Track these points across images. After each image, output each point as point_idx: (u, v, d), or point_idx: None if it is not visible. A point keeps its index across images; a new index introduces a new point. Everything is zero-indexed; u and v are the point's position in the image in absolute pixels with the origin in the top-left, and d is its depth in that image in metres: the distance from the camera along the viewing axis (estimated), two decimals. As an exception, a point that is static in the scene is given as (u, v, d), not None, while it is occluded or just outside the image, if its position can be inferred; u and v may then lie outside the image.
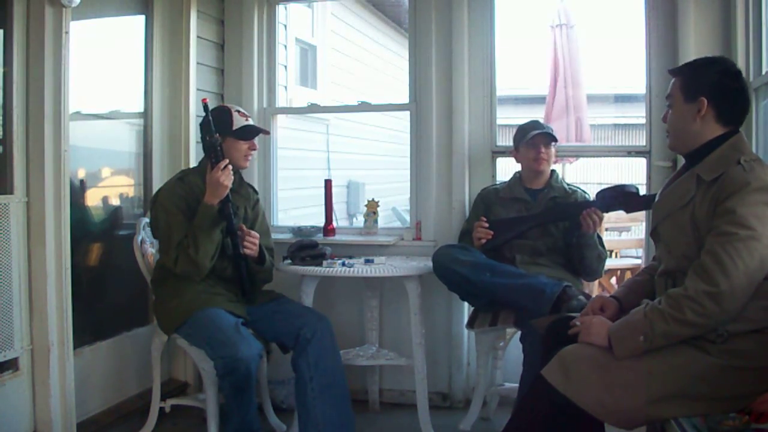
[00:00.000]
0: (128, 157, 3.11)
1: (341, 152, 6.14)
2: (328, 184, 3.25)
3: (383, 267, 2.71)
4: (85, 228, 2.86)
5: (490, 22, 3.09)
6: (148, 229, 2.71)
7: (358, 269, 2.67)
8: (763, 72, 2.52)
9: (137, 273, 2.72)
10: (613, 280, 4.92)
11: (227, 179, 2.40)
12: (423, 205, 3.14)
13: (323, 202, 3.23)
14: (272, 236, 2.85)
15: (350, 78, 6.72)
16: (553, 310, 2.33)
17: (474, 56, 3.08)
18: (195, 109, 3.09)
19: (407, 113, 3.22)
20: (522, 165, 2.82)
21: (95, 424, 2.70)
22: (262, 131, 2.65)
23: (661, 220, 1.85)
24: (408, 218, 3.39)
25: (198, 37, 3.17)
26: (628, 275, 4.91)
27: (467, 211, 3.02)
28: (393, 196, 5.92)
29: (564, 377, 1.69)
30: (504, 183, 2.89)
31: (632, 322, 1.69)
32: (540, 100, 4.72)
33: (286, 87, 4.94)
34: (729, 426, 1.50)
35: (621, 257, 5.27)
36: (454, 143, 3.09)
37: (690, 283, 1.63)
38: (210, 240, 2.40)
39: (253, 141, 2.58)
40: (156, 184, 2.92)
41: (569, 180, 2.99)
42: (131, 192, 3.16)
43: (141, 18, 3.05)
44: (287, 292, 2.72)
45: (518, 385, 2.47)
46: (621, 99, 8.45)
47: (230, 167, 2.43)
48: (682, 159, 1.94)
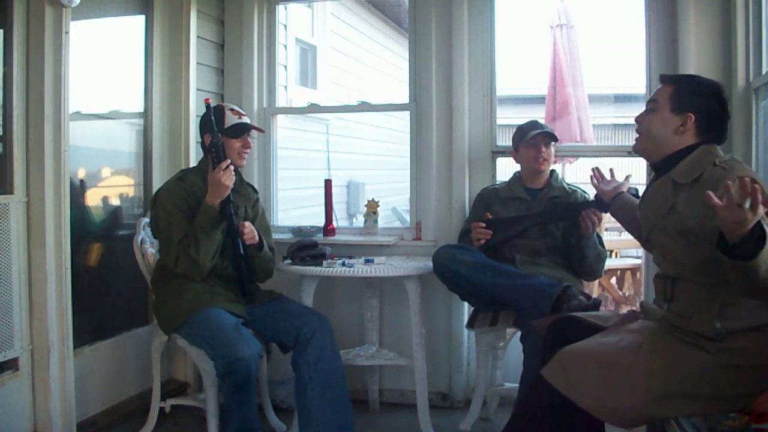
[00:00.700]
0: (128, 157, 3.11)
1: (341, 152, 6.14)
2: (328, 184, 3.24)
3: (383, 267, 2.71)
4: (85, 228, 2.86)
5: (490, 22, 3.09)
6: (148, 229, 2.71)
7: (358, 269, 2.67)
8: (763, 72, 2.52)
9: (137, 273, 2.72)
10: (613, 280, 4.92)
11: (229, 179, 2.41)
12: (423, 205, 3.15)
13: (323, 202, 3.23)
14: (273, 236, 2.85)
15: (350, 78, 6.72)
16: (553, 311, 2.33)
17: (474, 56, 3.08)
18: (195, 109, 3.09)
19: (407, 113, 3.21)
20: (522, 165, 2.82)
21: (95, 424, 2.70)
22: (254, 128, 2.64)
23: (650, 230, 1.87)
24: (408, 218, 3.39)
25: (198, 37, 3.16)
26: (628, 275, 4.92)
27: (467, 211, 3.02)
28: (393, 196, 5.92)
29: (563, 377, 1.69)
30: (504, 183, 2.89)
31: None
32: (540, 100, 4.72)
33: (286, 87, 4.94)
34: (729, 426, 1.51)
35: (621, 257, 5.27)
36: (454, 143, 3.09)
37: None
38: (211, 240, 2.41)
39: (247, 139, 2.56)
40: (156, 184, 2.92)
41: (569, 180, 2.99)
42: (131, 192, 3.16)
43: (141, 18, 3.05)
44: (287, 292, 2.72)
45: (518, 385, 2.47)
46: (621, 99, 8.44)
47: (231, 167, 2.43)
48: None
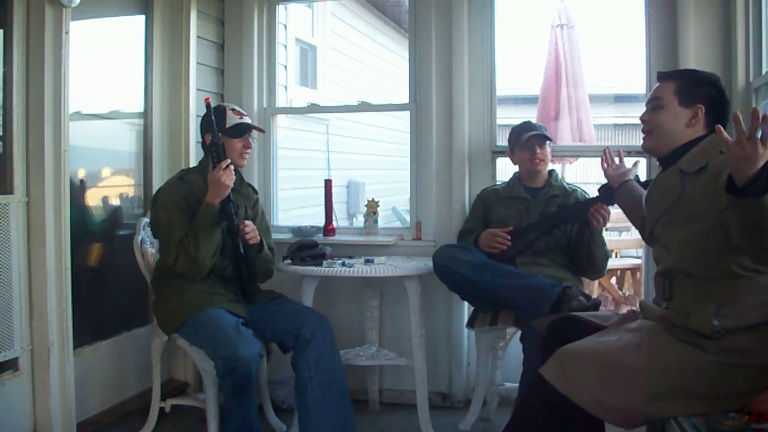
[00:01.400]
0: (128, 157, 3.11)
1: (341, 152, 6.13)
2: (328, 184, 3.25)
3: (383, 267, 2.71)
4: (85, 228, 2.86)
5: (490, 22, 3.09)
6: (148, 229, 2.71)
7: (358, 269, 2.67)
8: (763, 72, 2.52)
9: (137, 273, 2.71)
10: (613, 280, 4.92)
11: (229, 179, 2.41)
12: (423, 205, 3.15)
13: (323, 202, 3.23)
14: (272, 236, 2.85)
15: (350, 78, 6.72)
16: (553, 311, 2.33)
17: (474, 56, 3.08)
18: (195, 109, 3.09)
19: (407, 113, 3.21)
20: (519, 166, 2.82)
21: (95, 424, 2.70)
22: (255, 128, 2.64)
23: (656, 222, 1.86)
24: (408, 218, 3.39)
25: (198, 37, 3.16)
26: (628, 275, 4.92)
27: (467, 211, 3.02)
28: (393, 196, 5.91)
29: (562, 376, 1.69)
30: (503, 183, 2.90)
31: None
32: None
33: (286, 87, 4.93)
34: (729, 426, 1.51)
35: (621, 257, 5.27)
36: (454, 143, 3.09)
37: None
38: (210, 239, 2.41)
39: (248, 139, 2.57)
40: (156, 184, 2.92)
41: (570, 180, 2.99)
42: (131, 192, 3.16)
43: (141, 18, 3.05)
44: (287, 292, 2.72)
45: (518, 385, 2.47)
46: (621, 99, 8.45)
47: (232, 167, 2.43)
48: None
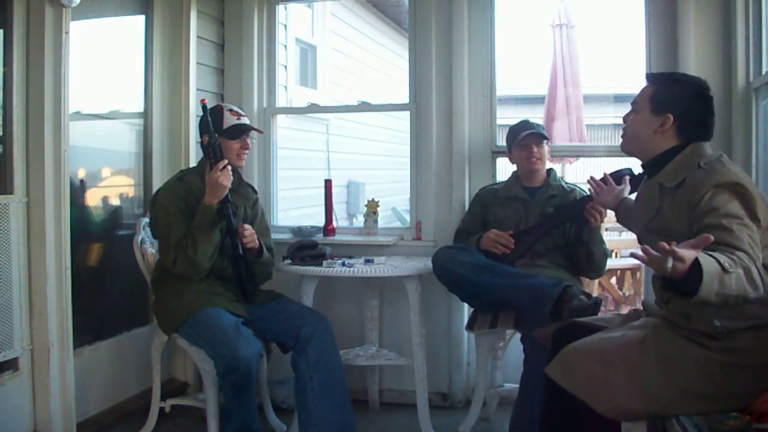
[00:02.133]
0: (128, 157, 3.11)
1: (341, 152, 6.13)
2: (328, 184, 3.24)
3: (383, 267, 2.71)
4: (85, 228, 2.86)
5: (490, 22, 3.09)
6: (148, 229, 2.70)
7: (358, 269, 2.67)
8: (763, 72, 2.52)
9: (137, 273, 2.71)
10: (613, 280, 4.92)
11: (226, 179, 2.40)
12: (423, 205, 3.14)
13: (323, 202, 3.23)
14: (272, 236, 2.85)
15: (350, 78, 6.71)
16: (554, 310, 2.33)
17: (474, 56, 3.07)
18: (195, 109, 3.08)
19: (407, 113, 3.21)
20: (517, 165, 2.82)
21: (95, 424, 2.70)
22: (252, 129, 2.62)
23: (641, 230, 1.89)
24: (408, 218, 3.38)
25: (198, 37, 3.16)
26: (628, 275, 4.93)
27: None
28: (393, 196, 5.92)
29: (566, 373, 1.71)
30: (502, 183, 2.89)
31: None
32: (540, 100, 4.72)
33: (286, 87, 4.94)
34: (730, 425, 1.51)
35: (621, 257, 5.27)
36: (454, 143, 3.09)
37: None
38: (209, 240, 2.40)
39: (246, 140, 2.56)
40: (156, 184, 2.92)
41: (569, 180, 2.99)
42: (131, 192, 3.16)
43: (141, 18, 3.05)
44: (287, 292, 2.72)
45: (518, 386, 2.46)
46: (621, 99, 8.43)
47: (229, 167, 2.43)
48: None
